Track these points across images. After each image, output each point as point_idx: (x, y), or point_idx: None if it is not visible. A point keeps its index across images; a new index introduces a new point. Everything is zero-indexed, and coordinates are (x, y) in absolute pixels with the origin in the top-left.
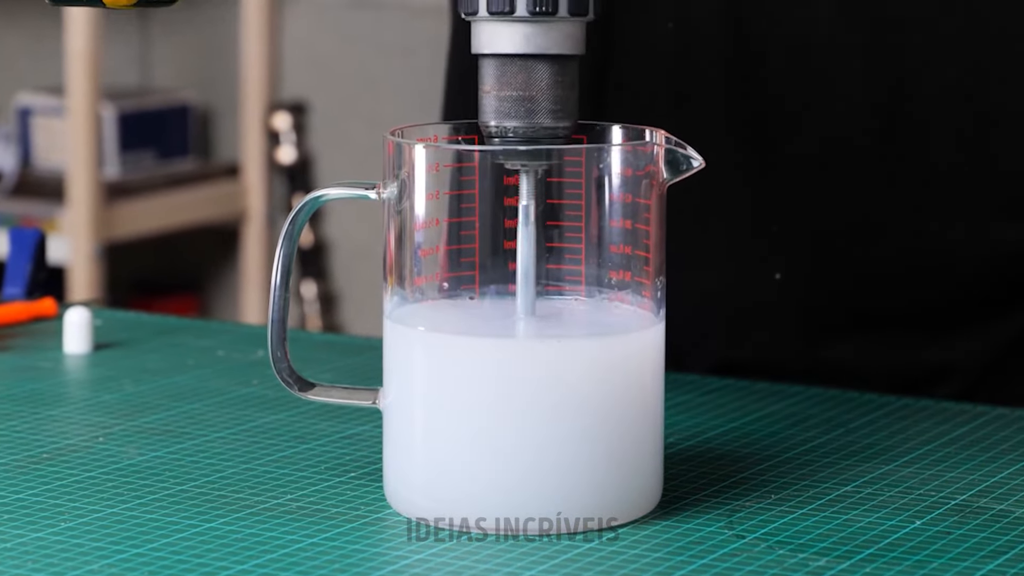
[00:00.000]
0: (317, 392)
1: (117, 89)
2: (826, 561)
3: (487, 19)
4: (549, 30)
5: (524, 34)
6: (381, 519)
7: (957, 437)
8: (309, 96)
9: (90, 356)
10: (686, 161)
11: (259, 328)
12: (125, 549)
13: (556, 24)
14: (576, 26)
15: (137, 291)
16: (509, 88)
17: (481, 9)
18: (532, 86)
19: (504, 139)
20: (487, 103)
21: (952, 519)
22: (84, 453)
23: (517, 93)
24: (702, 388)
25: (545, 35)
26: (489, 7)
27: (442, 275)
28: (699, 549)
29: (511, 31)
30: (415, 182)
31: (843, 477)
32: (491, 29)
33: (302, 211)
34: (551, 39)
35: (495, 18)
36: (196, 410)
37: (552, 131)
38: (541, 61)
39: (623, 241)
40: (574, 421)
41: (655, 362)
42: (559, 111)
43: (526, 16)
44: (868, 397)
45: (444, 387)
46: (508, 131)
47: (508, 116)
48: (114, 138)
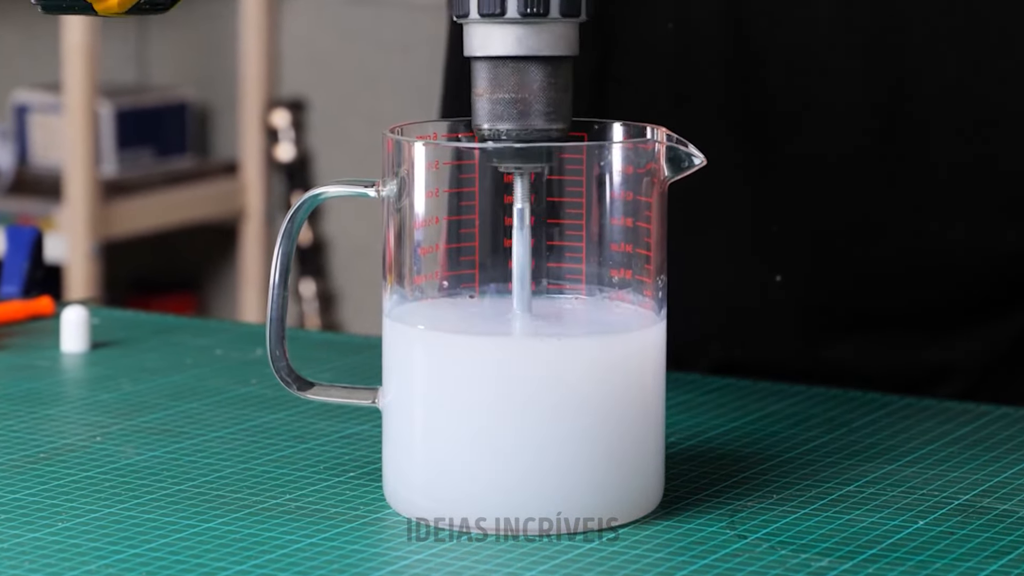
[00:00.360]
0: (316, 391)
1: (114, 86)
2: (828, 561)
3: (478, 21)
4: (540, 31)
5: (516, 36)
6: (380, 519)
7: (960, 437)
8: (308, 93)
9: (87, 355)
10: (687, 159)
11: (258, 327)
12: (123, 550)
13: (548, 25)
14: (568, 27)
15: (135, 289)
16: (501, 91)
17: (472, 11)
18: (524, 88)
19: (497, 142)
20: (480, 106)
21: (955, 519)
22: (81, 453)
23: (510, 95)
24: (703, 387)
25: (536, 37)
26: (480, 8)
27: (442, 273)
28: (700, 549)
29: (502, 33)
30: (415, 180)
31: (845, 477)
32: (482, 31)
33: (301, 209)
34: (543, 40)
35: (486, 20)
36: (194, 409)
37: (545, 133)
38: (533, 63)
39: (624, 239)
40: (574, 421)
41: (656, 361)
42: (552, 113)
43: (517, 18)
44: (870, 396)
45: (444, 386)
46: (501, 134)
47: (501, 119)
48: (111, 135)
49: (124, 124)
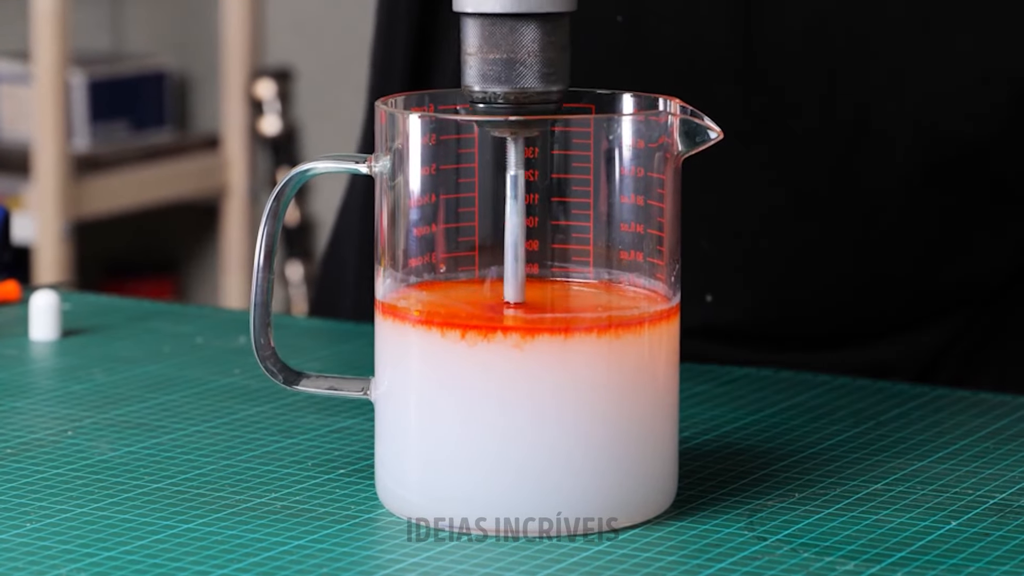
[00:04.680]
0: (304, 382)
1: (87, 54)
2: (854, 565)
3: None
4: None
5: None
6: (373, 519)
7: (996, 431)
8: (295, 62)
9: (58, 343)
10: (703, 132)
11: (241, 313)
12: (96, 552)
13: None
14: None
15: (109, 273)
16: (495, 50)
17: None
18: (520, 48)
19: (490, 104)
20: (471, 66)
21: (991, 519)
22: (51, 448)
23: (504, 56)
24: (720, 378)
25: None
26: None
27: (438, 256)
28: (716, 552)
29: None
30: (409, 155)
31: (872, 474)
32: None
33: (287, 186)
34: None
35: None
36: (173, 402)
37: (544, 96)
38: (530, 21)
39: (635, 219)
40: (579, 415)
41: (669, 351)
42: (551, 74)
43: None
44: (899, 388)
45: (440, 377)
46: (497, 97)
47: (495, 81)
48: (84, 107)
49: (97, 95)
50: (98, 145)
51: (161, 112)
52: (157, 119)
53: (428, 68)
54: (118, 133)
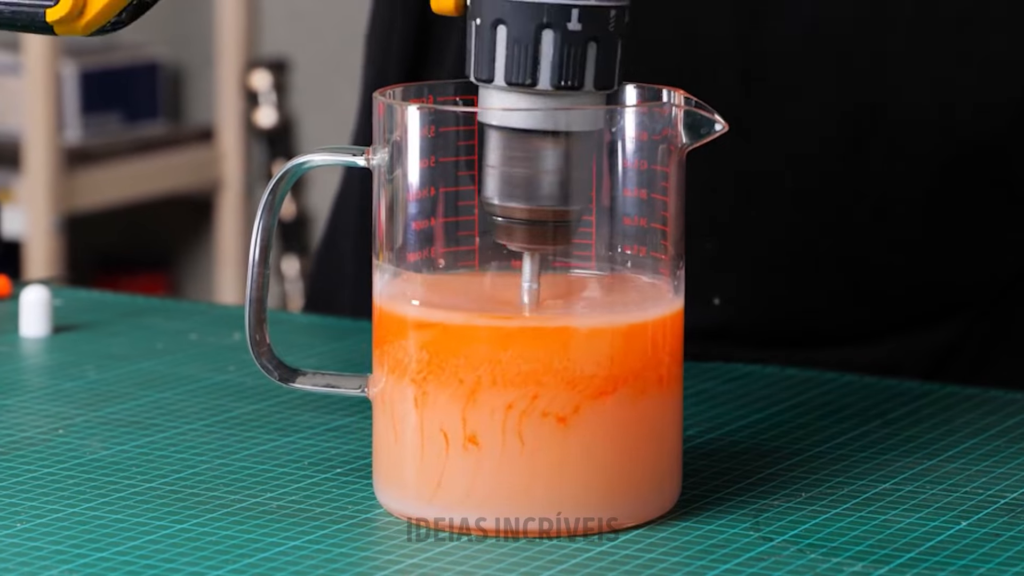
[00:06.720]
0: (300, 380)
1: (79, 45)
2: (862, 566)
3: (503, 88)
4: (569, 104)
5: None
6: (370, 519)
7: (1007, 429)
8: (291, 53)
9: (49, 340)
10: (708, 124)
11: (236, 309)
12: (88, 553)
13: (578, 98)
14: (598, 99)
15: (101, 268)
16: (518, 166)
17: (498, 77)
18: (543, 165)
19: (508, 220)
20: (492, 178)
21: (1001, 519)
22: (42, 447)
23: (526, 171)
24: (725, 375)
25: (566, 111)
26: (508, 76)
27: (438, 250)
28: (722, 552)
29: (529, 104)
30: (408, 147)
31: (881, 473)
32: (504, 99)
33: (283, 179)
34: (571, 114)
35: (511, 88)
36: (166, 399)
37: (562, 214)
38: (554, 138)
39: (638, 212)
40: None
41: (672, 347)
42: (572, 194)
43: (548, 89)
44: (908, 385)
45: (440, 374)
46: (516, 212)
47: (514, 197)
48: (76, 99)
49: (89, 86)
50: (90, 137)
51: (154, 104)
52: (150, 111)
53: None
54: (110, 125)
